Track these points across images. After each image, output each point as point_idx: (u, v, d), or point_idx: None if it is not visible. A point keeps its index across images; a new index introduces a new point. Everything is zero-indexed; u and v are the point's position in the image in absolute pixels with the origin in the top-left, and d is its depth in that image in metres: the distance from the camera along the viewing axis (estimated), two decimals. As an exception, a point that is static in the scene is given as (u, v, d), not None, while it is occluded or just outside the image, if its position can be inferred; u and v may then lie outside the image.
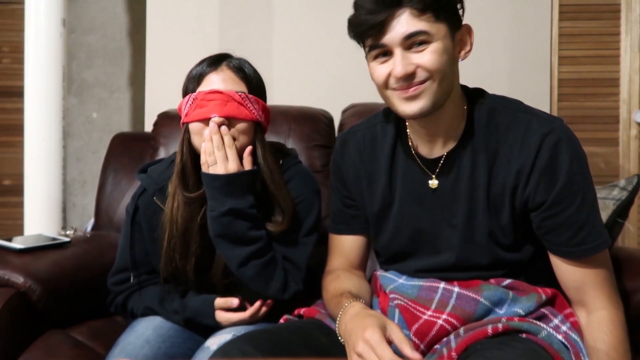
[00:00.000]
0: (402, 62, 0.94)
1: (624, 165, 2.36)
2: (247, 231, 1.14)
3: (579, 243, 0.97)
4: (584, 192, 0.97)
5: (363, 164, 1.14)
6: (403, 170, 1.09)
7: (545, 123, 0.99)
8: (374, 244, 1.19)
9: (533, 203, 0.99)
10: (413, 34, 0.93)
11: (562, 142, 0.96)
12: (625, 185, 1.34)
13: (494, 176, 1.01)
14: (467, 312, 0.99)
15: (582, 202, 0.97)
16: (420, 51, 0.94)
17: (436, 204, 1.06)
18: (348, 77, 2.14)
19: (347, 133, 1.19)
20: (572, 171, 0.96)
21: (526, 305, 1.00)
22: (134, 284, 1.28)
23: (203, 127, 1.15)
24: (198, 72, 1.18)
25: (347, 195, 1.18)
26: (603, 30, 2.36)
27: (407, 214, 1.08)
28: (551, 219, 0.98)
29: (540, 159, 0.97)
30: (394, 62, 0.95)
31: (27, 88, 1.97)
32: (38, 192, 1.97)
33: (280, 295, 1.18)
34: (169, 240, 1.19)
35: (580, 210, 0.96)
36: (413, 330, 1.00)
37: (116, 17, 2.67)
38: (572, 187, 0.96)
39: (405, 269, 1.11)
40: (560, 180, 0.96)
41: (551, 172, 0.96)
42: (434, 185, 1.05)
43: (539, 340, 0.94)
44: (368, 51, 0.99)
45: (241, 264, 1.15)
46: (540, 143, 0.96)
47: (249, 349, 0.91)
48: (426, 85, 0.95)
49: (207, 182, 1.14)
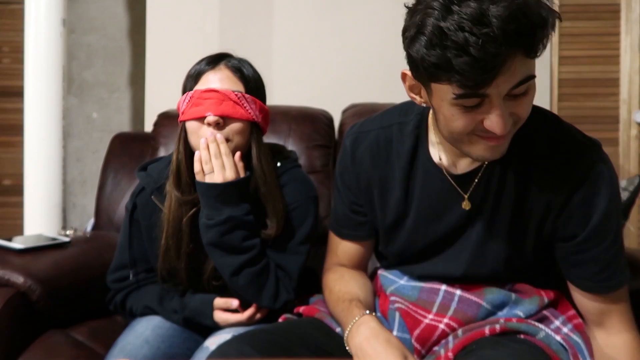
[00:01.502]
0: (504, 119, 0.77)
1: (624, 166, 2.36)
2: (242, 240, 1.14)
3: (603, 280, 0.94)
4: (616, 230, 0.93)
5: (376, 170, 1.04)
6: (423, 181, 0.99)
7: (587, 151, 0.91)
8: (381, 249, 1.13)
9: (563, 235, 0.94)
10: (524, 80, 0.76)
11: (603, 179, 0.90)
12: (626, 186, 1.34)
13: (523, 199, 0.94)
14: (469, 315, 0.98)
15: (613, 240, 0.93)
16: (520, 100, 0.79)
17: (460, 227, 0.99)
18: (348, 77, 2.14)
19: (359, 132, 1.07)
20: (609, 209, 0.91)
21: (528, 308, 0.99)
22: (132, 282, 1.28)
23: (199, 125, 1.15)
24: (196, 71, 1.18)
25: (354, 202, 1.09)
26: (603, 30, 2.36)
27: (423, 228, 1.01)
28: (579, 254, 0.94)
29: (578, 194, 0.90)
30: (490, 115, 0.78)
31: (27, 88, 1.97)
32: (38, 192, 1.97)
33: (272, 304, 1.17)
34: (165, 239, 1.19)
35: (610, 248, 0.93)
36: (414, 336, 0.99)
37: (116, 17, 2.67)
38: (606, 225, 0.91)
39: (409, 272, 1.09)
40: (596, 217, 0.90)
41: (587, 208, 0.91)
42: (467, 206, 0.96)
43: (536, 341, 0.93)
44: (455, 96, 0.77)
45: (234, 273, 1.14)
46: (578, 175, 0.90)
47: (246, 349, 0.90)
48: (512, 130, 0.83)
49: (203, 190, 1.13)
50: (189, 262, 1.21)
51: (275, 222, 1.17)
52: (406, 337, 1.00)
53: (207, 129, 1.14)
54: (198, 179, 1.15)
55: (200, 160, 1.13)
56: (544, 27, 0.73)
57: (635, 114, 2.34)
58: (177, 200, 1.18)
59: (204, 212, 1.15)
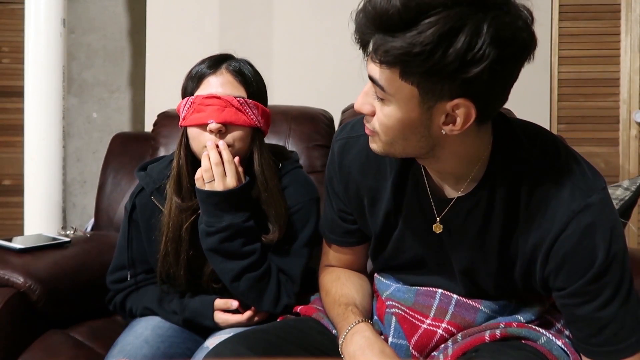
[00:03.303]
0: (361, 98, 0.82)
1: (624, 165, 2.36)
2: (242, 246, 1.13)
3: (601, 344, 0.83)
4: (616, 285, 0.81)
5: (366, 180, 1.00)
6: (410, 198, 0.96)
7: (581, 195, 0.81)
8: (372, 253, 1.10)
9: (553, 285, 0.86)
10: (373, 80, 0.79)
11: (596, 227, 0.80)
12: (628, 186, 1.34)
13: (509, 236, 0.88)
14: (467, 320, 0.97)
15: (612, 297, 0.81)
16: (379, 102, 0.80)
17: (438, 248, 0.96)
18: (348, 77, 2.13)
19: (348, 137, 1.03)
20: (605, 262, 0.80)
21: (528, 314, 0.97)
22: (132, 283, 1.27)
23: (200, 132, 1.14)
24: (198, 73, 1.17)
25: (342, 209, 1.06)
26: (603, 30, 2.36)
27: (409, 244, 0.99)
28: (568, 309, 0.86)
29: (564, 241, 0.81)
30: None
31: (27, 88, 1.97)
32: (38, 192, 1.97)
33: (272, 309, 1.16)
34: (165, 244, 1.18)
35: (606, 306, 0.81)
36: (412, 342, 0.97)
37: (116, 17, 2.66)
38: (600, 280, 0.81)
39: (402, 279, 1.07)
40: (587, 271, 0.80)
41: (577, 259, 0.81)
42: (437, 229, 0.93)
43: (538, 347, 0.92)
44: None
45: (234, 278, 1.14)
46: (568, 221, 0.81)
47: (242, 349, 0.90)
48: (374, 136, 0.84)
49: (203, 198, 1.13)
50: (188, 266, 1.20)
51: (277, 226, 1.17)
52: (403, 344, 0.98)
53: (209, 136, 1.13)
54: (198, 185, 1.14)
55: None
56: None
57: (635, 114, 2.34)
58: (177, 207, 1.17)
59: (203, 218, 1.14)
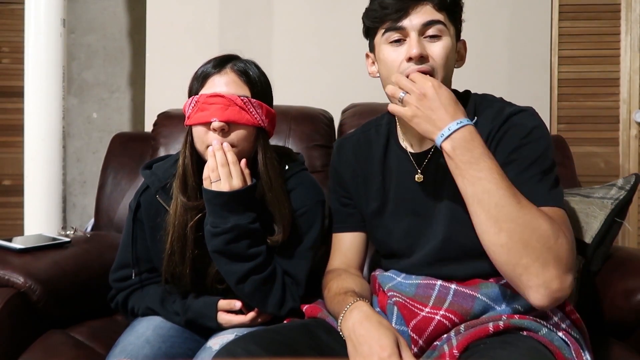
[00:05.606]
0: (419, 45, 1.00)
1: (624, 165, 2.36)
2: (247, 248, 1.13)
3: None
4: (539, 159, 0.98)
5: (358, 165, 1.20)
6: (395, 168, 1.14)
7: (519, 107, 1.06)
8: (371, 240, 1.23)
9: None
10: (433, 21, 1.01)
11: (526, 114, 1.03)
12: (623, 185, 1.34)
13: None
14: (465, 308, 0.99)
15: (532, 164, 0.97)
16: (433, 42, 1.02)
17: (423, 197, 1.09)
18: (348, 77, 2.14)
19: (343, 138, 1.27)
20: (529, 138, 0.99)
21: (525, 302, 0.98)
22: (135, 282, 1.27)
23: (205, 131, 1.14)
24: (203, 73, 1.17)
25: (344, 195, 1.23)
26: (603, 30, 2.36)
27: (402, 211, 1.12)
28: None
29: (504, 126, 1.02)
30: (408, 45, 1.01)
31: (27, 88, 1.97)
32: (38, 192, 1.97)
33: (277, 311, 1.17)
34: (170, 243, 1.18)
35: (527, 170, 0.97)
36: (411, 326, 1.00)
37: (116, 17, 2.67)
38: (523, 151, 0.98)
39: (403, 266, 1.12)
40: (515, 142, 0.99)
41: (510, 134, 1.01)
42: (419, 179, 1.10)
43: (539, 338, 0.94)
44: (383, 33, 1.03)
45: (240, 280, 1.14)
46: (509, 115, 1.03)
47: (253, 348, 0.91)
48: (433, 72, 1.01)
49: (210, 198, 1.12)
50: (193, 266, 1.20)
51: (282, 227, 1.17)
52: (404, 330, 1.01)
53: (213, 135, 1.13)
54: (205, 185, 1.14)
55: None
56: None
57: (635, 114, 2.34)
58: (182, 206, 1.17)
59: (209, 219, 1.14)
